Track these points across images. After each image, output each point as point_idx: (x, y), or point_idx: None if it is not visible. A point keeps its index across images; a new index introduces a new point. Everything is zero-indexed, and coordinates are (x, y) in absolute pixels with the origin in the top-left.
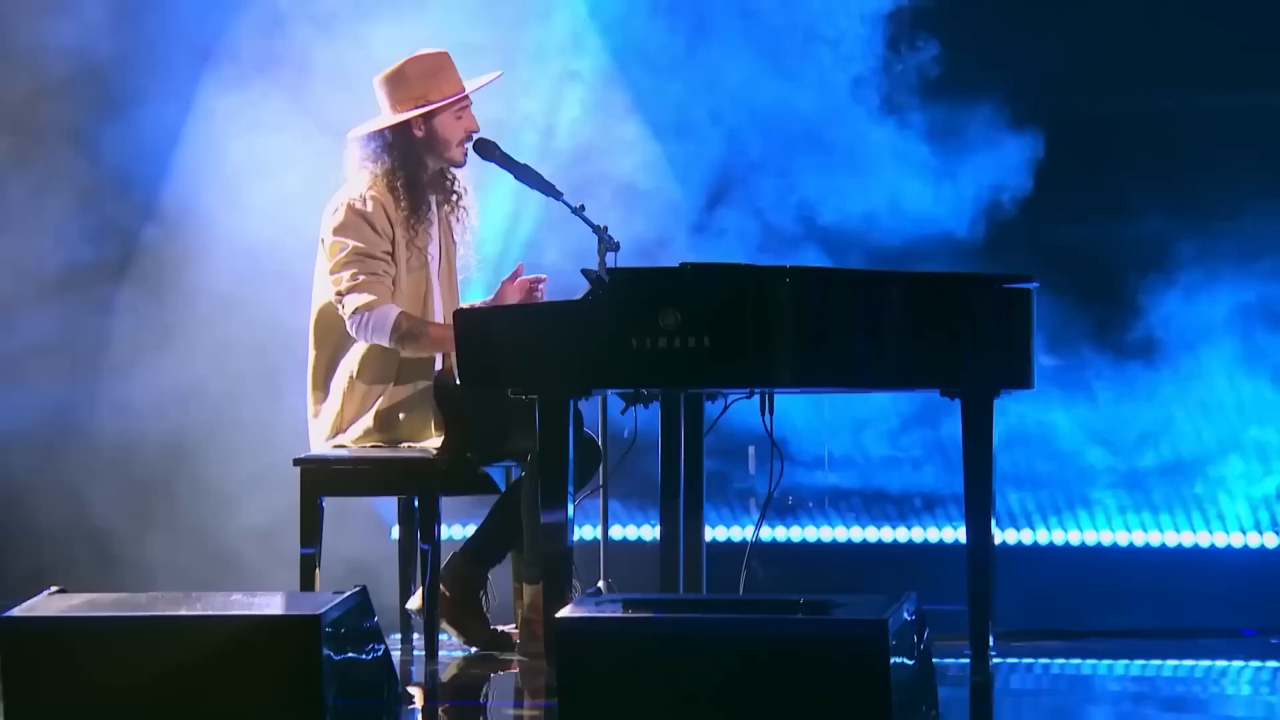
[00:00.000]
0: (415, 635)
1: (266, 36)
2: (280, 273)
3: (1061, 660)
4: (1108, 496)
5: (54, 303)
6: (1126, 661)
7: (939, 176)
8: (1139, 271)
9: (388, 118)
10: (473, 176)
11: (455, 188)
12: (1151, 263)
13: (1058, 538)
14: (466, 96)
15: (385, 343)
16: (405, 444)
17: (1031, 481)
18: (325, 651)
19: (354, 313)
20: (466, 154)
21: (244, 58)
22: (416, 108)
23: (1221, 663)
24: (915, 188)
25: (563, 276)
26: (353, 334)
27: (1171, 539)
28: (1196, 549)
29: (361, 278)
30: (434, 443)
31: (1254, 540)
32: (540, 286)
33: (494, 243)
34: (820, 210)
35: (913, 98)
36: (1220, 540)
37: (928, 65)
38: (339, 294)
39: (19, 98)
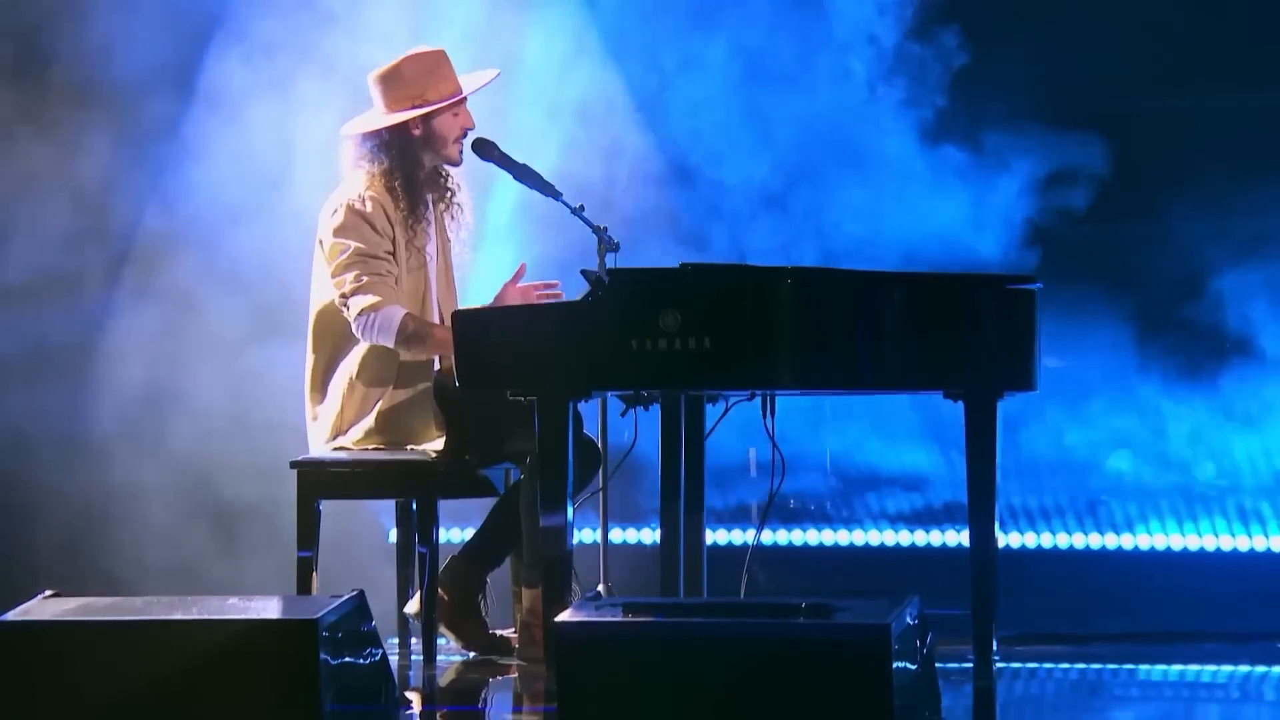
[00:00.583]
0: (413, 639)
1: (274, 22)
2: (288, 271)
3: (1065, 665)
4: (1113, 500)
5: (46, 305)
6: (1131, 666)
7: (971, 182)
8: (1158, 271)
9: (385, 117)
10: (467, 174)
11: (449, 184)
12: (1184, 266)
13: (1061, 541)
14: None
15: (390, 344)
16: (409, 445)
17: (1036, 485)
18: (322, 656)
19: (360, 314)
20: (463, 151)
21: (250, 44)
22: (414, 107)
23: (1227, 667)
24: (947, 194)
25: (559, 276)
26: (358, 335)
27: (1177, 542)
28: (1202, 552)
29: (365, 279)
30: (437, 444)
31: (1260, 543)
32: (549, 292)
33: (494, 243)
34: (845, 222)
35: (939, 96)
36: (1226, 544)
37: (952, 54)
38: (343, 296)
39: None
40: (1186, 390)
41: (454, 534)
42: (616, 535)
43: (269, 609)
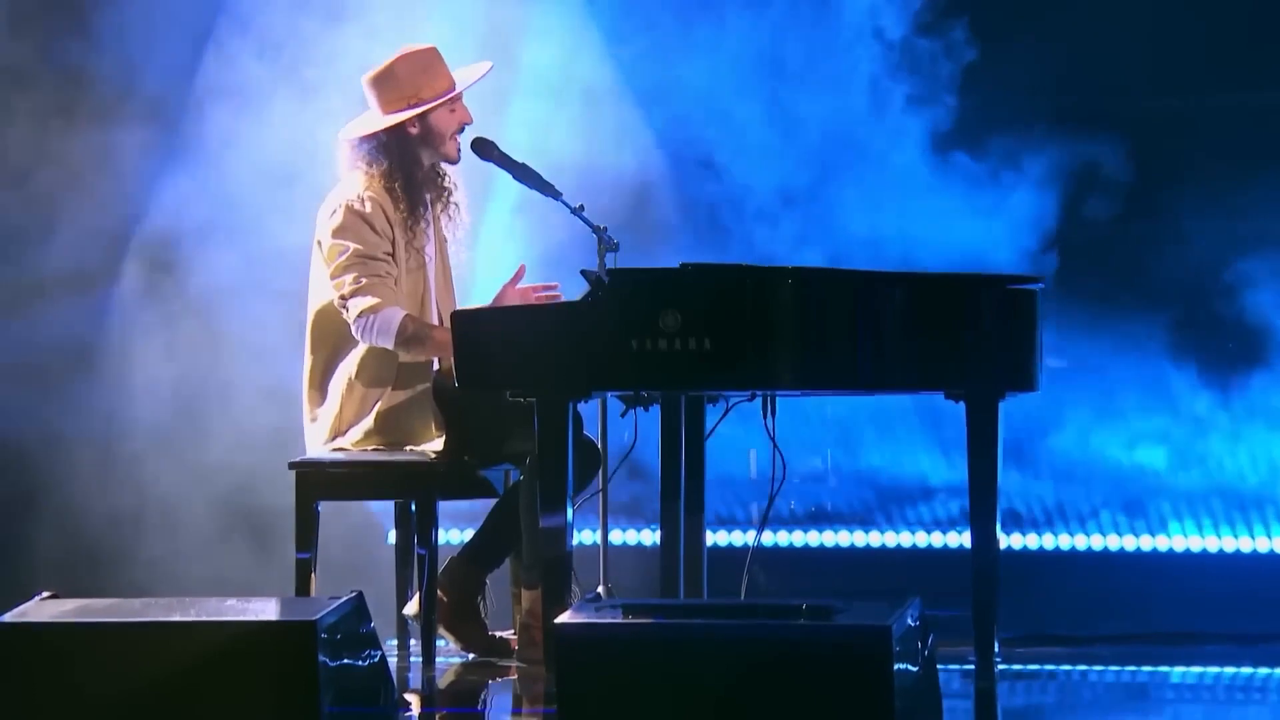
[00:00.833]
0: (412, 641)
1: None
2: (283, 274)
3: (1067, 667)
4: (1118, 502)
5: (50, 305)
6: (1134, 668)
7: (983, 183)
8: (1176, 271)
9: (382, 119)
10: (465, 174)
11: (446, 184)
12: (1201, 266)
13: (1064, 543)
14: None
15: (390, 346)
16: (408, 446)
17: (1040, 486)
18: (321, 657)
19: (359, 316)
20: (460, 148)
21: (249, 43)
22: (410, 107)
23: (1231, 669)
24: (958, 196)
25: (559, 276)
26: (357, 337)
27: (1180, 544)
28: (1205, 554)
29: (365, 280)
30: (437, 444)
31: (1263, 545)
32: (548, 294)
33: (494, 243)
34: (854, 222)
35: (949, 95)
36: (1229, 545)
37: (961, 50)
38: (342, 298)
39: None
40: (1196, 391)
41: (453, 535)
42: (616, 536)
43: (267, 610)
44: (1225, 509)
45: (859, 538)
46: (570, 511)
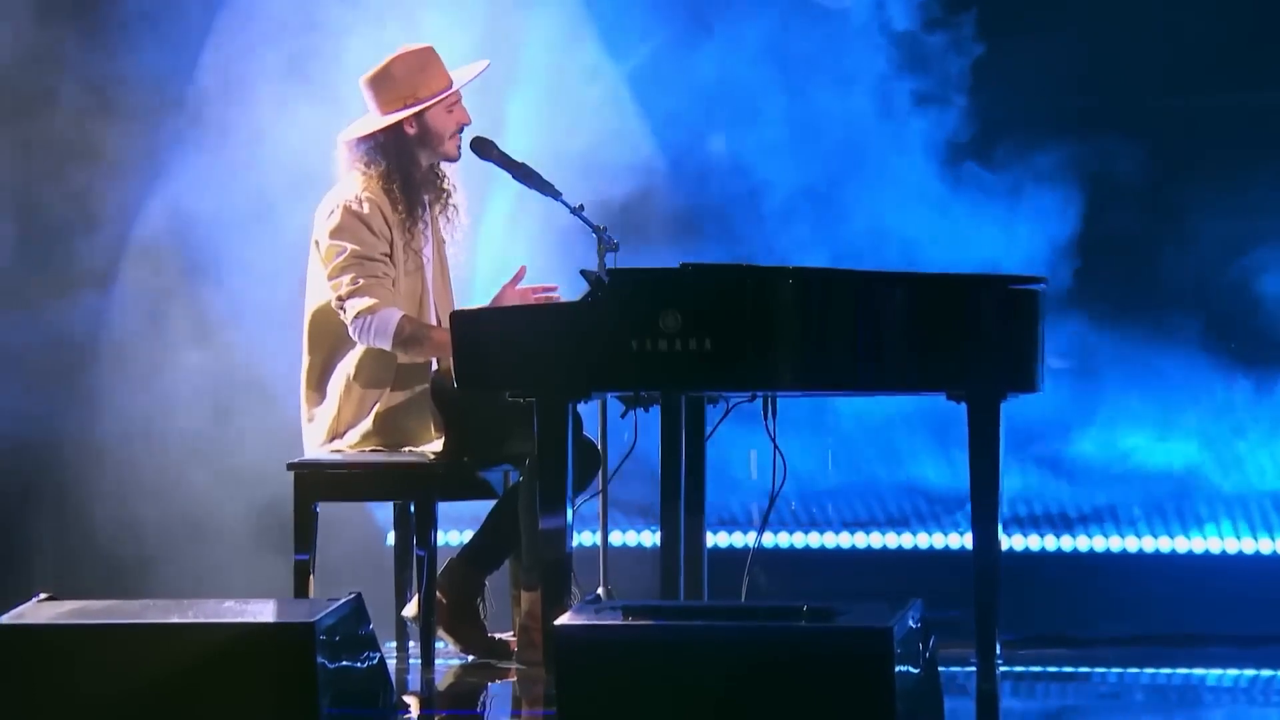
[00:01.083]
0: (411, 643)
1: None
2: (281, 274)
3: (1069, 669)
4: (1119, 501)
5: (47, 303)
6: (1136, 670)
7: (993, 187)
8: (1189, 272)
9: (379, 120)
10: (464, 175)
11: (445, 185)
12: (1216, 266)
13: (1065, 544)
14: (457, 90)
15: (387, 347)
16: (407, 447)
17: (1041, 488)
18: (320, 659)
19: (356, 317)
20: (460, 148)
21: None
22: (406, 107)
23: (1233, 671)
24: (968, 200)
25: (558, 277)
26: (355, 338)
27: (1182, 545)
28: (1208, 555)
29: (362, 281)
30: (435, 445)
31: (1265, 546)
32: (547, 296)
33: (492, 244)
34: (860, 223)
35: (959, 96)
36: (1231, 547)
37: (966, 43)
38: (340, 298)
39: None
40: (1195, 391)
41: (452, 536)
42: (616, 538)
43: (265, 613)
44: (1250, 510)
45: (859, 539)
46: (570, 513)
